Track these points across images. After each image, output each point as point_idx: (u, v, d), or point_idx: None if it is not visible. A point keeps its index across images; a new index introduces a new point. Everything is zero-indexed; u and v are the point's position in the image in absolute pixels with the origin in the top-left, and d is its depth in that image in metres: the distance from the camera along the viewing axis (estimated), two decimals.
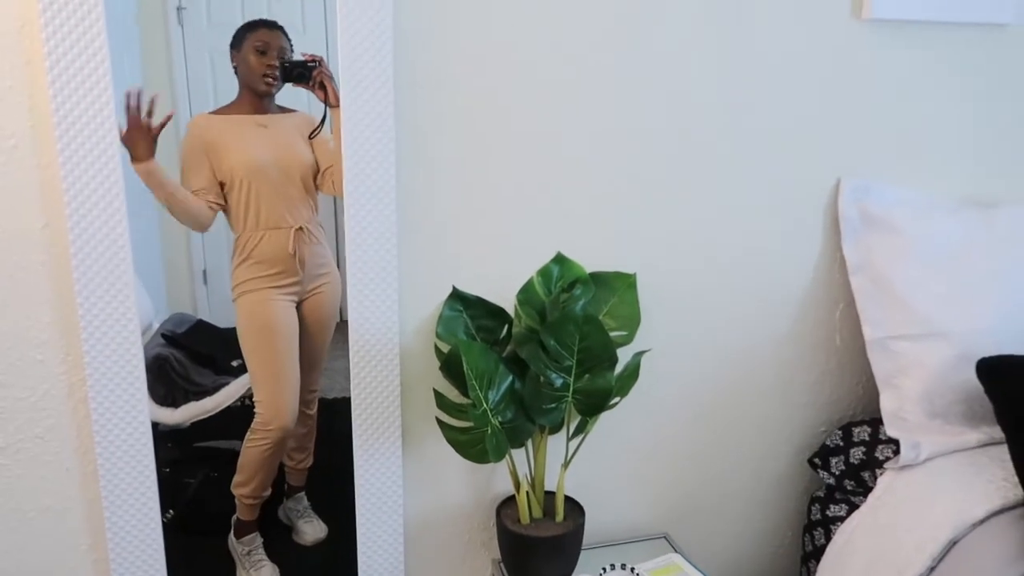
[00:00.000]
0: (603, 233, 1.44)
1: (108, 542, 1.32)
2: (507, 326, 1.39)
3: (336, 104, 1.26)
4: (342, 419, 1.38)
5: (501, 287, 1.40)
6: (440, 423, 1.31)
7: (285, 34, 1.32)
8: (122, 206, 1.19)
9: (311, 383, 1.44)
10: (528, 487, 1.38)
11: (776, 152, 1.48)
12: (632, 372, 1.38)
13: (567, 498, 1.43)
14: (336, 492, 1.44)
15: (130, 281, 1.22)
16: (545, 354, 1.26)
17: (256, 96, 1.34)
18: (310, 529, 1.51)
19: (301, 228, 1.37)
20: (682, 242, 1.48)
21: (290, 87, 1.33)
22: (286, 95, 1.36)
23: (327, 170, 1.36)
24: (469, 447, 1.27)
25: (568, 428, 1.37)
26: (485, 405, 1.24)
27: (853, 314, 1.54)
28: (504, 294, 1.39)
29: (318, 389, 1.46)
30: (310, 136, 1.36)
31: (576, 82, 1.36)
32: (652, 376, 1.49)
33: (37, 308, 1.25)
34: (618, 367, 1.31)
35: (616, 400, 1.34)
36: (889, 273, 1.47)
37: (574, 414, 1.35)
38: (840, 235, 1.52)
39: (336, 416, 1.41)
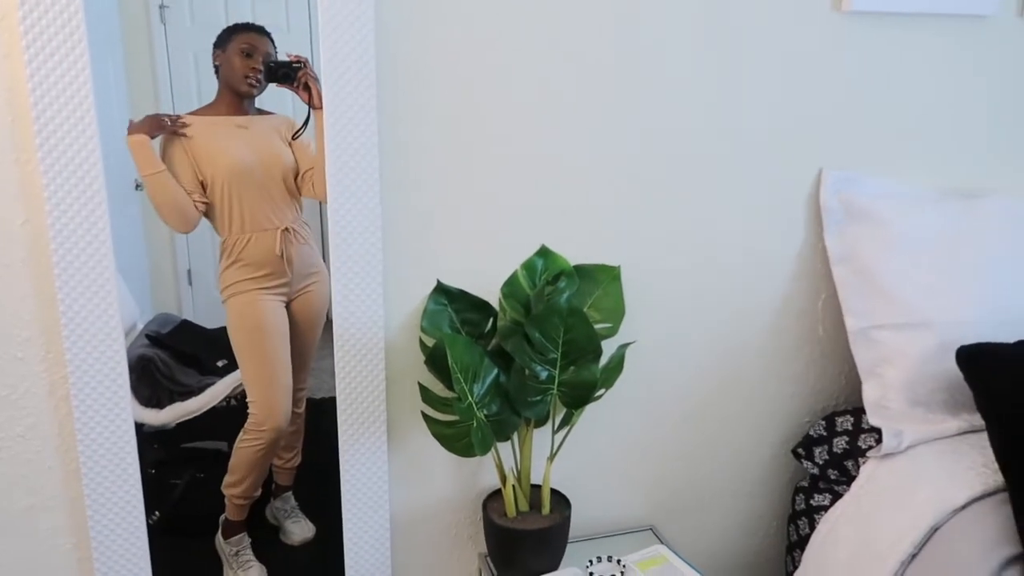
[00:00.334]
0: (586, 227, 1.44)
1: (92, 541, 1.31)
2: (492, 319, 1.39)
3: (320, 106, 1.26)
4: (330, 419, 1.38)
5: (486, 280, 1.40)
6: (425, 417, 1.31)
7: (272, 41, 1.32)
8: (103, 202, 1.18)
9: (300, 381, 1.44)
10: (514, 480, 1.38)
11: (758, 145, 1.49)
12: (617, 364, 1.39)
13: (553, 491, 1.43)
14: (323, 492, 1.44)
15: (112, 278, 1.21)
16: (530, 347, 1.27)
17: (237, 97, 1.34)
18: (297, 529, 1.50)
19: (287, 229, 1.37)
20: (664, 235, 1.49)
21: (272, 90, 1.33)
22: (268, 98, 1.35)
23: (307, 172, 1.36)
24: (455, 441, 1.27)
25: (553, 421, 1.37)
26: (470, 398, 1.25)
27: (835, 304, 1.55)
28: (489, 287, 1.39)
29: (307, 388, 1.45)
30: (292, 137, 1.35)
31: (557, 76, 1.36)
32: (636, 369, 1.50)
33: (17, 305, 1.23)
34: (603, 359, 1.32)
35: (601, 392, 1.34)
36: (872, 264, 1.48)
37: (559, 407, 1.35)
38: (822, 226, 1.54)
39: (324, 416, 1.40)
